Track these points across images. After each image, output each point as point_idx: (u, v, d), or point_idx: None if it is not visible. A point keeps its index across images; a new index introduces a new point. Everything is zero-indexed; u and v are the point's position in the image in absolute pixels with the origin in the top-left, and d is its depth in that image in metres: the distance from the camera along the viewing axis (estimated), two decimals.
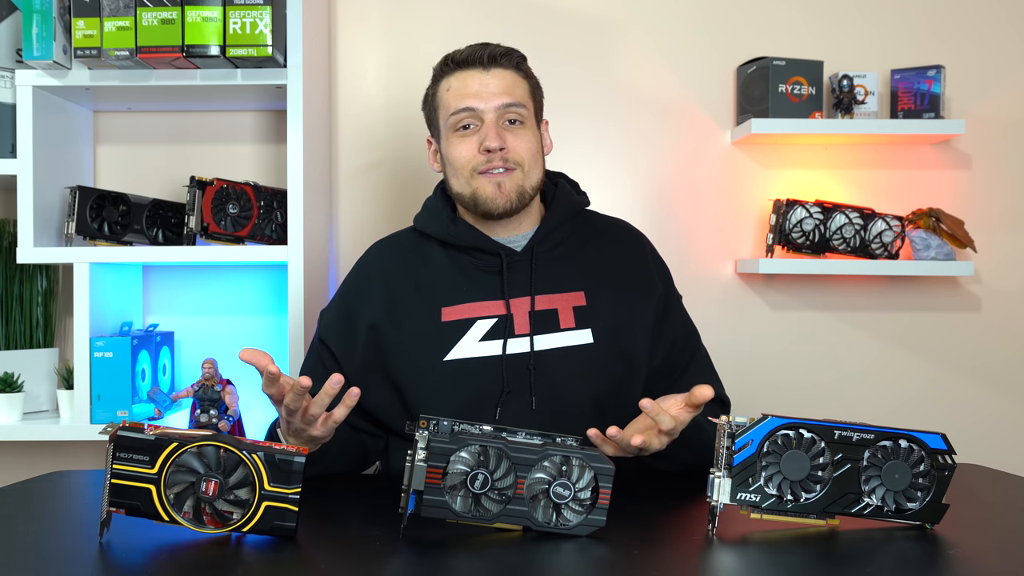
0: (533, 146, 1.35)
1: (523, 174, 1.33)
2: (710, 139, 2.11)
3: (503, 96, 1.32)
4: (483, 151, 1.31)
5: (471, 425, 0.99)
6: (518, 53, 1.37)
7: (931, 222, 2.00)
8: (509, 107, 1.32)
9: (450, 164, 1.35)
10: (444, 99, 1.35)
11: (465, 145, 1.32)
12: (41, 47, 1.71)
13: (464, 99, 1.32)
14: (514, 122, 1.33)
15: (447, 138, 1.35)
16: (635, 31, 2.10)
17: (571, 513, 0.96)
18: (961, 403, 2.11)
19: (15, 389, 1.87)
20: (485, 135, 1.31)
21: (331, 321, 1.39)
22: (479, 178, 1.32)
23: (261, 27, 1.70)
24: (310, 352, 1.43)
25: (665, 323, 1.39)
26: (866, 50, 2.09)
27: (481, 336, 1.31)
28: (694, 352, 1.42)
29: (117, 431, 0.92)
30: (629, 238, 1.46)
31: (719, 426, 0.98)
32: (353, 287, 1.41)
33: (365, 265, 1.42)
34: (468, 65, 1.33)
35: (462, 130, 1.33)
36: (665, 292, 1.41)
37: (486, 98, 1.31)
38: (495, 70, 1.33)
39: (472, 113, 1.32)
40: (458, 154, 1.33)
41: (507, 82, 1.34)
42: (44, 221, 1.84)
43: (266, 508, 0.93)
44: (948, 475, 0.99)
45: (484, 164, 1.31)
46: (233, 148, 2.09)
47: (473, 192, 1.33)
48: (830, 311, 2.12)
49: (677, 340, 1.40)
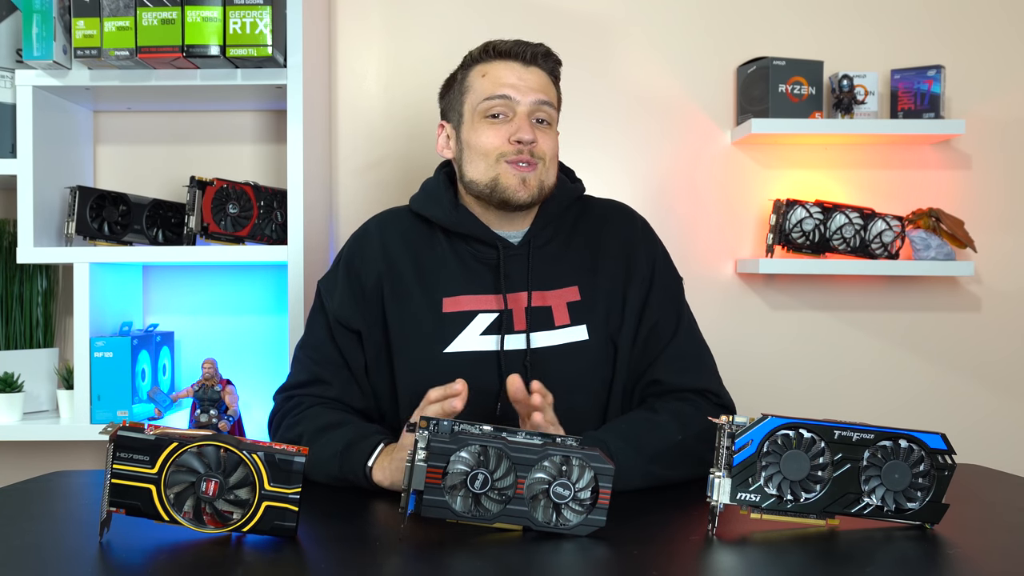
0: (555, 147, 1.36)
1: (545, 170, 1.34)
2: (710, 139, 2.11)
3: (540, 93, 1.34)
4: (513, 142, 1.31)
5: (471, 425, 0.99)
6: (556, 58, 1.39)
7: (931, 222, 2.00)
8: (543, 104, 1.34)
9: (472, 148, 1.34)
10: (477, 84, 1.35)
11: (494, 132, 1.32)
12: (41, 47, 1.71)
13: (501, 87, 1.32)
14: (542, 121, 1.34)
15: (472, 123, 1.34)
16: (635, 31, 2.10)
17: (571, 513, 0.96)
18: (961, 403, 2.11)
19: (15, 389, 1.87)
20: (518, 127, 1.31)
21: (346, 299, 1.35)
22: (505, 166, 1.31)
23: (261, 27, 1.70)
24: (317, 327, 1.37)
25: (648, 304, 1.36)
26: (866, 50, 2.10)
27: (482, 330, 1.31)
28: (673, 335, 1.36)
29: (117, 431, 0.92)
30: (619, 217, 1.44)
31: (719, 426, 0.98)
32: (356, 259, 1.38)
33: (365, 237, 1.41)
34: (510, 57, 1.35)
35: (492, 118, 1.33)
36: (651, 273, 1.38)
37: (523, 91, 1.33)
38: (534, 68, 1.35)
39: (507, 102, 1.32)
40: (485, 140, 1.32)
41: (543, 82, 1.36)
42: (44, 221, 1.84)
43: (266, 508, 0.93)
44: (948, 475, 0.99)
45: (513, 154, 1.31)
46: (233, 148, 2.09)
47: (495, 178, 1.32)
48: (830, 311, 2.12)
49: (660, 321, 1.36)
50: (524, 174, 1.31)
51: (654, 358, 1.34)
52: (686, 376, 1.33)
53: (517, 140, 1.30)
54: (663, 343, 1.35)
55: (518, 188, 1.31)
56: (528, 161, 1.31)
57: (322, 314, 1.38)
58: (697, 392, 1.33)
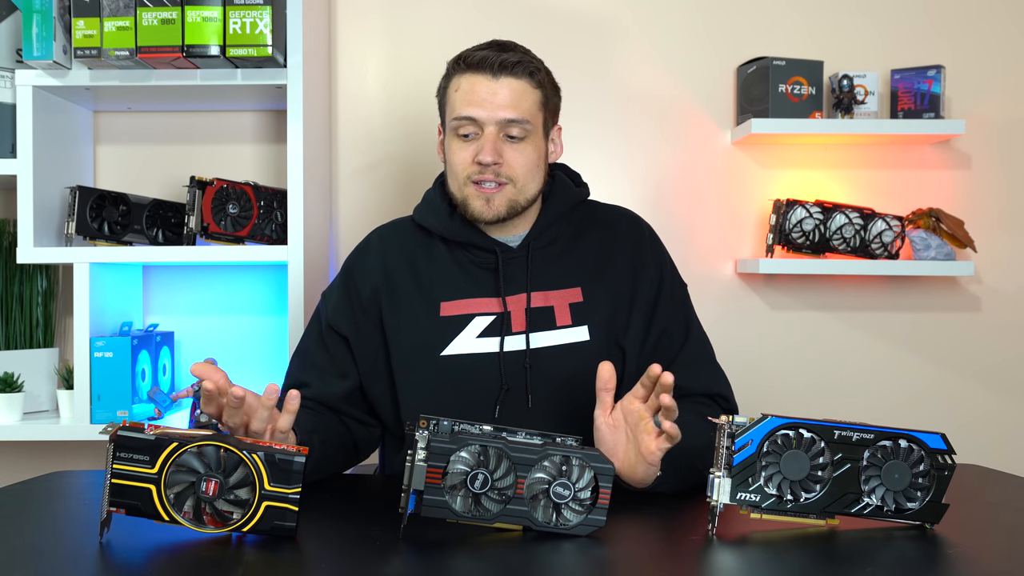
0: (531, 160, 1.32)
1: (515, 189, 1.31)
2: (710, 139, 2.11)
3: (507, 110, 1.29)
4: (475, 163, 1.30)
5: (471, 425, 0.99)
6: (532, 62, 1.33)
7: (931, 222, 2.00)
8: (511, 123, 1.29)
9: (448, 164, 1.35)
10: (451, 99, 1.33)
11: (463, 151, 1.31)
12: (41, 47, 1.71)
13: (468, 107, 1.29)
14: (514, 137, 1.31)
15: (449, 139, 1.34)
16: (635, 32, 2.10)
17: (571, 513, 0.96)
18: (961, 403, 2.11)
19: (15, 389, 1.87)
20: (482, 147, 1.29)
21: (340, 305, 1.37)
22: (471, 187, 1.31)
23: (261, 27, 1.70)
24: (310, 336, 1.40)
25: (657, 312, 1.36)
26: (866, 50, 2.09)
27: (479, 333, 1.31)
28: (684, 342, 1.36)
29: (117, 431, 0.92)
30: (627, 224, 1.43)
31: (719, 426, 0.98)
32: (356, 270, 1.39)
33: (367, 249, 1.42)
34: (478, 69, 1.30)
35: (462, 137, 1.32)
36: (659, 280, 1.38)
37: (489, 108, 1.29)
38: (505, 79, 1.29)
39: (473, 123, 1.30)
40: (456, 159, 1.32)
41: (515, 94, 1.29)
42: (44, 221, 1.84)
43: (266, 508, 0.93)
44: (948, 475, 0.99)
45: (476, 175, 1.30)
46: (233, 148, 2.09)
47: (464, 199, 1.32)
48: (830, 311, 2.12)
49: (669, 328, 1.36)
50: (489, 194, 1.30)
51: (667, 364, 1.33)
52: (701, 381, 1.34)
53: (478, 161, 1.29)
54: (675, 349, 1.36)
55: (483, 210, 1.31)
56: (493, 181, 1.30)
57: (317, 321, 1.40)
58: (710, 396, 1.34)
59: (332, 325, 1.36)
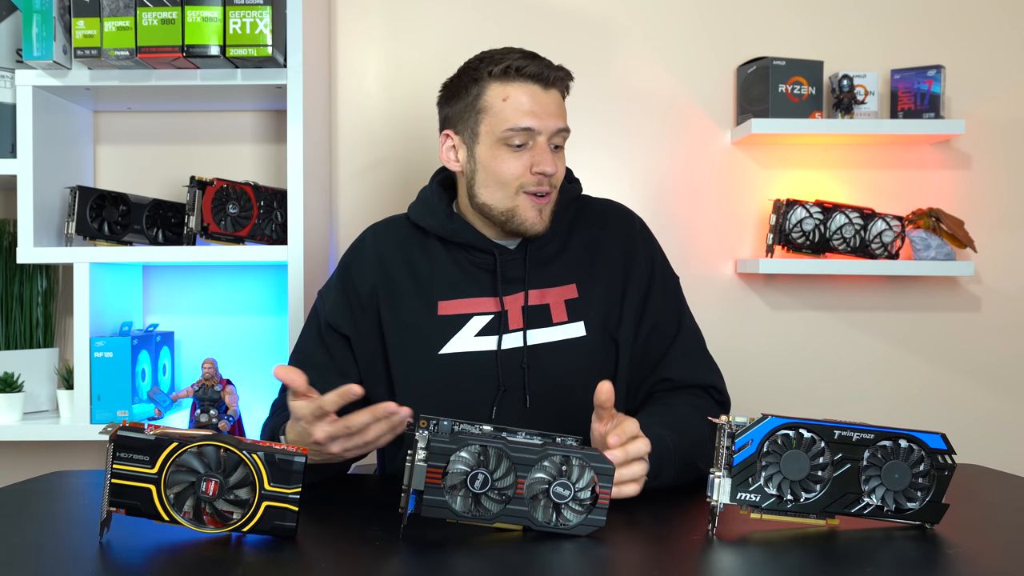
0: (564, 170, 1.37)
1: (554, 196, 1.34)
2: (710, 139, 2.11)
3: (559, 120, 1.30)
4: (535, 173, 1.29)
5: (471, 425, 0.99)
6: (571, 75, 1.35)
7: (931, 222, 2.00)
8: (561, 132, 1.31)
9: (489, 173, 1.31)
10: (498, 107, 1.29)
11: (516, 160, 1.29)
12: (41, 47, 1.71)
13: (525, 117, 1.28)
14: (558, 147, 1.32)
15: (491, 147, 1.30)
16: (635, 32, 2.10)
17: (571, 513, 0.96)
18: (961, 403, 2.11)
19: (15, 389, 1.87)
20: (540, 159, 1.29)
21: (338, 304, 1.36)
22: (524, 198, 1.30)
23: (261, 27, 1.70)
24: (308, 335, 1.39)
25: (649, 305, 1.36)
26: (866, 50, 2.10)
27: (477, 332, 1.31)
28: (676, 334, 1.36)
29: (117, 431, 0.92)
30: (618, 218, 1.43)
31: (719, 426, 0.98)
32: (353, 268, 1.38)
33: (362, 247, 1.41)
34: (532, 79, 1.29)
35: (514, 147, 1.29)
36: (650, 273, 1.38)
37: (545, 119, 1.29)
38: (553, 91, 1.31)
39: (530, 134, 1.29)
40: (506, 169, 1.29)
41: (560, 105, 1.32)
42: (44, 221, 1.84)
43: (266, 508, 0.93)
44: (948, 475, 0.99)
45: (534, 186, 1.29)
46: (233, 148, 2.09)
47: (512, 209, 1.31)
48: (830, 311, 2.12)
49: (661, 321, 1.36)
50: (541, 205, 1.31)
51: (660, 356, 1.35)
52: (696, 373, 1.35)
53: (540, 172, 1.29)
54: (668, 341, 1.36)
55: (535, 221, 1.31)
56: (549, 191, 1.31)
57: (315, 320, 1.39)
58: (704, 388, 1.35)
59: (332, 324, 1.36)
